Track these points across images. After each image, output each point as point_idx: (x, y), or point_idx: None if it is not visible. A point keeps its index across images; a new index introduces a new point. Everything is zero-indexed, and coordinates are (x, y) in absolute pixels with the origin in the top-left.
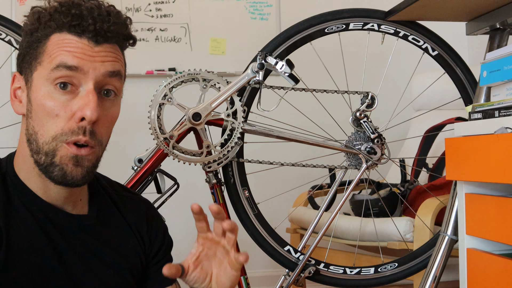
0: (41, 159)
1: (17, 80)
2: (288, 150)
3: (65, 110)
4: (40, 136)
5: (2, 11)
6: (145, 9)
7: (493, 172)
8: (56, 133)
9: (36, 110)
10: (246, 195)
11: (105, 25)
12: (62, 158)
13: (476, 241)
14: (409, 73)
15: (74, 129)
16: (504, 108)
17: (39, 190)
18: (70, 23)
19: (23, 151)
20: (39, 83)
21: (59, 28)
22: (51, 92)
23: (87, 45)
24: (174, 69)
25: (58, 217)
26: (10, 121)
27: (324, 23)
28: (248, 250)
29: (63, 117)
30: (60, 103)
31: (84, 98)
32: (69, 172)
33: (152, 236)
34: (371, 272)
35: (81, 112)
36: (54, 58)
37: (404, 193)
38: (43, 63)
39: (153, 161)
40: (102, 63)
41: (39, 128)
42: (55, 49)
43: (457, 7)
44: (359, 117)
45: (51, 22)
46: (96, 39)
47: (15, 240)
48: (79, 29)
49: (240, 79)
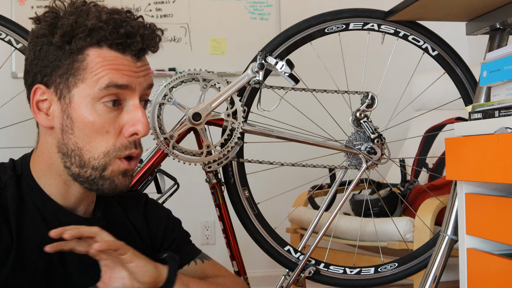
0: (86, 172)
1: (41, 93)
2: (288, 150)
3: (114, 126)
4: (86, 151)
5: (2, 11)
6: (145, 9)
7: (493, 172)
8: (108, 149)
9: (81, 127)
10: (246, 195)
11: (151, 43)
12: (113, 172)
13: (476, 241)
14: (409, 73)
15: (126, 145)
16: (504, 108)
17: (58, 195)
18: (116, 41)
19: (49, 159)
20: (84, 101)
21: (97, 44)
22: (99, 110)
23: (131, 61)
24: (174, 69)
25: (70, 221)
26: (10, 121)
27: (324, 23)
28: (248, 250)
29: (113, 133)
30: (109, 120)
31: (132, 113)
32: (119, 184)
33: (153, 228)
34: (371, 272)
35: (133, 128)
36: (101, 77)
37: (404, 193)
38: (86, 81)
39: (153, 161)
40: (144, 78)
41: (85, 144)
42: (100, 67)
43: (457, 7)
44: (359, 117)
45: (90, 38)
46: (138, 55)
47: (25, 243)
48: (122, 46)
49: (240, 79)
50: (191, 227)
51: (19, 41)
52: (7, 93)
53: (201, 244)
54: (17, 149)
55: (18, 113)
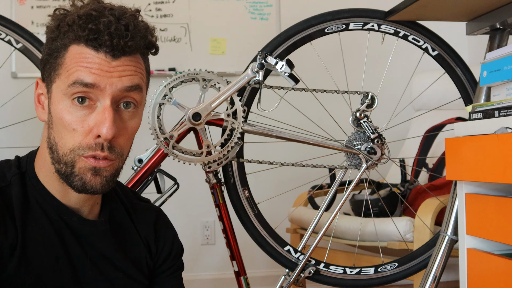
0: (62, 168)
1: (39, 87)
2: (288, 150)
3: (82, 125)
4: (59, 147)
5: (2, 11)
6: (145, 9)
7: (493, 172)
8: (73, 147)
9: (56, 122)
10: (246, 195)
11: (121, 41)
12: (80, 169)
13: (476, 241)
14: (409, 73)
15: (91, 145)
16: (504, 108)
17: (58, 193)
18: (87, 37)
19: (44, 155)
20: (57, 96)
21: (77, 40)
22: (68, 106)
23: (104, 60)
24: (174, 69)
25: (73, 220)
26: (10, 121)
27: (324, 23)
28: (248, 250)
29: (80, 132)
30: (77, 118)
31: (100, 115)
32: (88, 182)
33: (159, 246)
34: (371, 272)
35: (97, 129)
36: (71, 74)
37: (404, 193)
38: (61, 76)
39: (153, 161)
40: (120, 78)
41: (59, 139)
42: (73, 64)
43: (457, 7)
44: (359, 117)
45: (70, 33)
46: (113, 54)
47: (30, 241)
48: (96, 43)
49: (240, 79)
50: (191, 227)
51: (19, 41)
52: (7, 93)
53: (201, 244)
54: (17, 149)
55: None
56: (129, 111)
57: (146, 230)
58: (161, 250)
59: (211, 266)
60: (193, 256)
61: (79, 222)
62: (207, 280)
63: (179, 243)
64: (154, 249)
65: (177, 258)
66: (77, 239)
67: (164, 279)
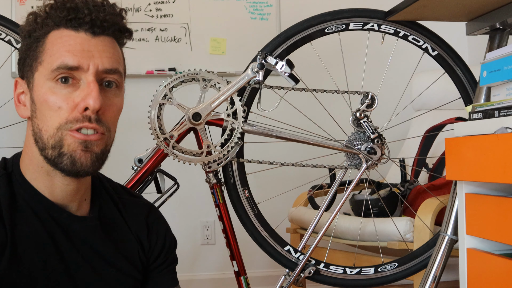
0: (48, 153)
1: (19, 86)
2: (288, 150)
3: (67, 102)
4: (44, 132)
5: (2, 11)
6: (145, 9)
7: (493, 172)
8: (60, 124)
9: (40, 107)
10: (246, 195)
11: (101, 15)
12: (69, 146)
13: (476, 241)
14: (409, 73)
15: (78, 118)
16: (504, 108)
17: (46, 189)
18: (66, 17)
19: (30, 152)
20: (40, 82)
21: (56, 25)
22: (52, 87)
23: (84, 39)
24: (174, 69)
25: (62, 217)
26: (10, 121)
27: (324, 23)
28: (248, 250)
29: (66, 109)
30: (62, 96)
31: (85, 89)
32: (78, 159)
33: (152, 241)
34: (371, 272)
35: (84, 102)
36: (55, 60)
37: (404, 193)
38: (43, 63)
39: (153, 161)
40: (100, 58)
41: (43, 124)
42: (55, 48)
43: (457, 7)
44: (359, 117)
45: (48, 20)
46: (93, 31)
47: (19, 240)
48: (75, 22)
49: (240, 79)
50: (191, 227)
51: (19, 41)
52: (7, 93)
53: (201, 244)
54: (17, 149)
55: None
56: (112, 90)
57: (137, 225)
58: (154, 244)
59: (211, 266)
60: (193, 256)
61: (69, 219)
62: (207, 280)
63: (172, 237)
64: (147, 244)
65: (170, 252)
66: (67, 236)
67: (158, 274)
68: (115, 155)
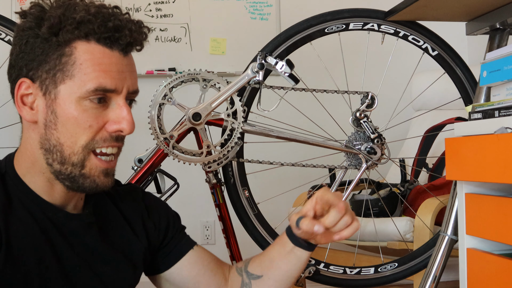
0: (67, 169)
1: (26, 87)
2: (288, 150)
3: (97, 121)
4: (67, 147)
5: (2, 11)
6: (145, 9)
7: (493, 172)
8: (87, 142)
9: (65, 122)
10: (246, 195)
11: (139, 37)
12: (92, 171)
13: (476, 241)
14: (409, 73)
15: (106, 137)
16: (504, 108)
17: (42, 190)
18: (104, 34)
19: (32, 156)
20: (69, 97)
21: (86, 37)
22: (84, 106)
23: (118, 58)
24: (174, 69)
25: (58, 216)
26: (10, 121)
27: (324, 23)
28: (248, 250)
29: (96, 127)
30: (93, 114)
31: (117, 111)
32: (100, 183)
33: (155, 219)
34: (371, 272)
35: (119, 125)
36: (91, 79)
37: (404, 193)
38: (74, 79)
39: (153, 161)
40: (131, 80)
41: (67, 139)
42: (89, 66)
43: (457, 7)
44: (359, 117)
45: (77, 31)
46: (125, 51)
47: (14, 240)
48: (110, 40)
49: (240, 79)
50: (191, 227)
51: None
52: (7, 93)
53: (201, 244)
54: None
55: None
56: (131, 108)
57: (137, 210)
58: (158, 222)
59: None
60: None
61: (64, 218)
62: None
63: (172, 210)
64: (151, 224)
65: (177, 223)
66: (63, 235)
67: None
68: None
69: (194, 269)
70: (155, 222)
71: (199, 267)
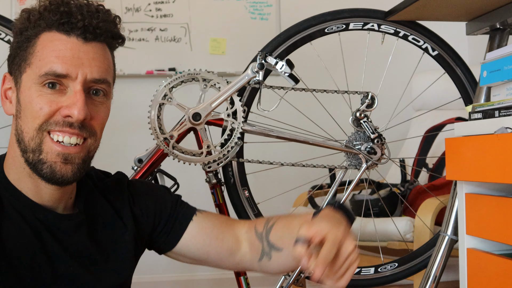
0: (29, 157)
1: (7, 81)
2: (288, 150)
3: (50, 105)
4: (25, 133)
5: (2, 11)
6: (145, 9)
7: (493, 172)
8: (39, 124)
9: (24, 109)
10: (246, 195)
11: (94, 21)
12: (48, 155)
13: (476, 241)
14: (409, 73)
15: (59, 121)
16: (504, 108)
17: (30, 191)
18: (59, 21)
19: (13, 152)
20: (27, 84)
21: (48, 27)
22: (38, 91)
23: (75, 44)
24: (174, 69)
25: (48, 218)
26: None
27: (324, 23)
28: None
29: (48, 111)
30: (46, 99)
31: (71, 98)
32: (58, 170)
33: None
34: (371, 272)
35: (69, 110)
36: (43, 65)
37: (404, 193)
38: (32, 66)
39: (153, 161)
40: (90, 67)
41: (25, 125)
42: (45, 52)
43: (457, 7)
44: (359, 117)
45: (41, 21)
46: (85, 36)
47: (6, 240)
48: (68, 26)
49: (240, 79)
50: None
51: None
52: None
53: None
54: None
55: None
56: (99, 98)
57: (123, 200)
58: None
59: None
60: None
61: (54, 219)
62: (207, 280)
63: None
64: (138, 211)
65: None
66: (54, 236)
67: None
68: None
69: (198, 241)
70: (141, 208)
71: (203, 237)
